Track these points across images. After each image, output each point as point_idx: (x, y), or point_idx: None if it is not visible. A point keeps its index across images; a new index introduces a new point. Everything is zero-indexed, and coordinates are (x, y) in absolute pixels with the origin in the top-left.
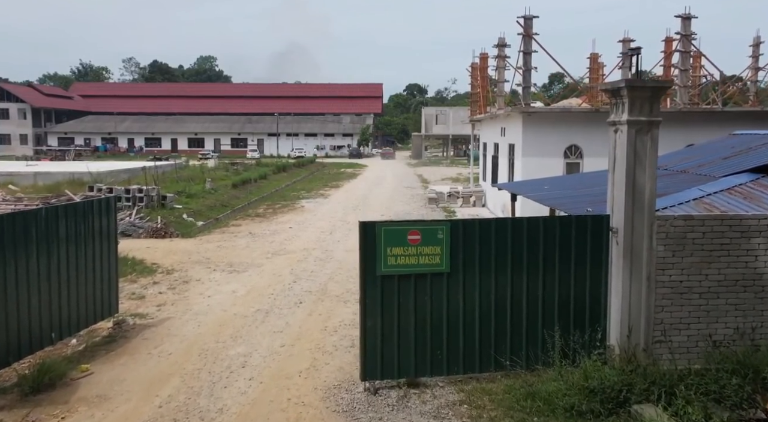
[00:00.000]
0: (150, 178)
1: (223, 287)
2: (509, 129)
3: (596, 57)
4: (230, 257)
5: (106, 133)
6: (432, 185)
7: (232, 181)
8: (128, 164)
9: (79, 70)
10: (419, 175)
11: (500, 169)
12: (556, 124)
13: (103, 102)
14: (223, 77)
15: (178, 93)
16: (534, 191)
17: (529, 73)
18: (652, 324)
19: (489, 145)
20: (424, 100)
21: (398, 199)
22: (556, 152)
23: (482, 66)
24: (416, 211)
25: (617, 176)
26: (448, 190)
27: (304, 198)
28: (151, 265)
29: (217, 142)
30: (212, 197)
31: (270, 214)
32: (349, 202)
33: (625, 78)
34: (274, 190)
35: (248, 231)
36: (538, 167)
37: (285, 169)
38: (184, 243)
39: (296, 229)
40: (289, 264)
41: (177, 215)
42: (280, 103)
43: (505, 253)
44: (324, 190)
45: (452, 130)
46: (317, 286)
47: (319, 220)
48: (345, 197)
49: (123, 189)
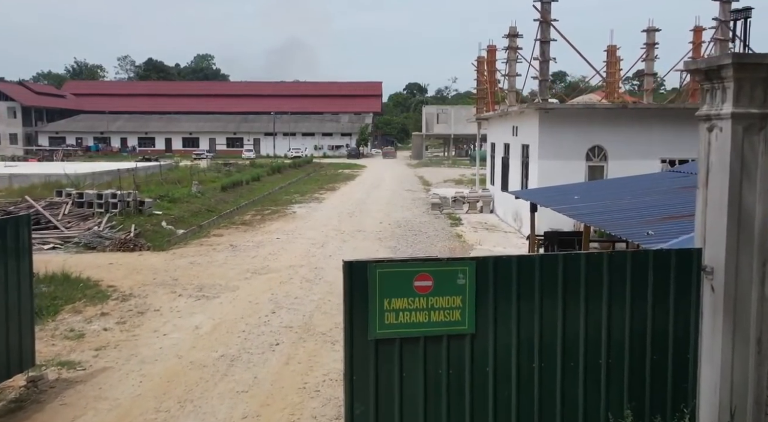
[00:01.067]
0: (130, 181)
1: (184, 321)
2: (523, 128)
3: (614, 49)
4: (202, 277)
5: (98, 133)
6: (434, 188)
7: (221, 183)
8: (115, 165)
9: (74, 69)
10: (420, 176)
11: (512, 172)
12: (576, 123)
13: (96, 100)
14: (220, 76)
15: (173, 91)
16: (561, 202)
17: (547, 64)
18: (764, 408)
19: (498, 145)
20: (424, 99)
21: (398, 203)
22: (576, 154)
23: (490, 59)
24: (418, 218)
25: (713, 193)
26: (452, 194)
27: (296, 202)
28: (106, 289)
29: (213, 141)
30: (198, 201)
31: (257, 222)
32: (345, 207)
33: (729, 52)
34: (266, 192)
35: (229, 243)
36: (556, 171)
37: (280, 170)
38: (154, 259)
39: (284, 241)
40: (270, 287)
41: (155, 223)
42: (278, 101)
43: (554, 304)
44: (319, 194)
45: (454, 129)
46: (300, 319)
47: (310, 229)
48: (341, 201)
49: (95, 193)
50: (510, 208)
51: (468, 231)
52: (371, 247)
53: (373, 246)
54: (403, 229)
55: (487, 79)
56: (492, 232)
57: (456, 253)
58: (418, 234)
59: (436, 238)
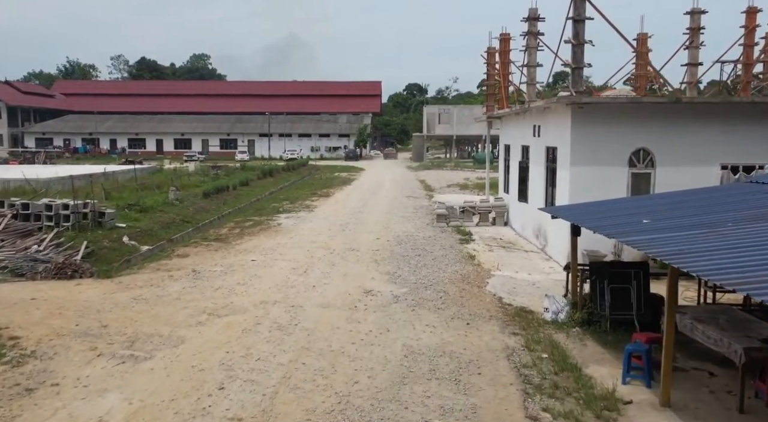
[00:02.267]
0: (110, 185)
1: (87, 407)
2: (548, 127)
3: (645, 38)
4: (141, 322)
5: (87, 134)
6: (438, 194)
7: (204, 189)
8: (89, 169)
9: (66, 68)
10: (421, 180)
11: (532, 179)
12: (617, 120)
13: (87, 100)
14: (216, 76)
15: (165, 91)
16: (622, 226)
17: (582, 49)
18: None
19: (514, 147)
20: (424, 99)
21: (398, 213)
22: (617, 159)
23: (504, 49)
24: (421, 232)
25: None
26: (461, 203)
27: (284, 211)
28: (5, 342)
29: (205, 142)
30: (173, 211)
31: (234, 237)
32: (338, 217)
33: None
34: (253, 199)
35: (192, 268)
36: (592, 179)
37: (272, 174)
38: (92, 291)
39: (260, 264)
40: (227, 339)
41: (115, 238)
42: (273, 101)
43: None
44: (311, 200)
45: (456, 129)
46: (257, 403)
47: (294, 248)
48: (334, 210)
49: (44, 204)
50: (530, 222)
51: (481, 249)
52: (365, 274)
53: (367, 271)
54: (404, 247)
55: (499, 72)
56: (510, 251)
57: (471, 282)
58: (422, 255)
59: (444, 260)
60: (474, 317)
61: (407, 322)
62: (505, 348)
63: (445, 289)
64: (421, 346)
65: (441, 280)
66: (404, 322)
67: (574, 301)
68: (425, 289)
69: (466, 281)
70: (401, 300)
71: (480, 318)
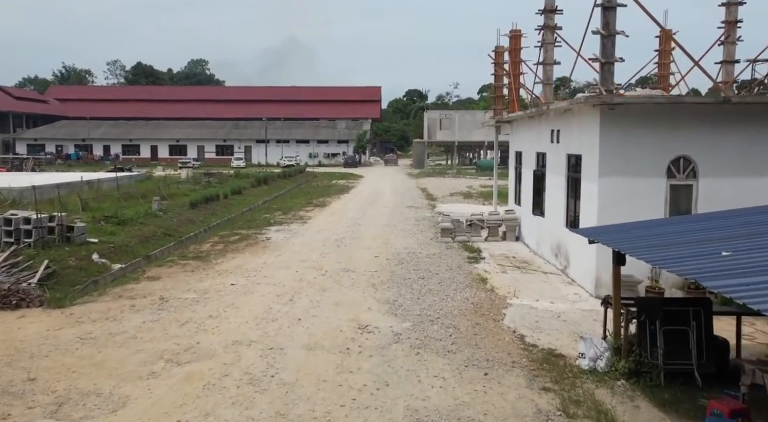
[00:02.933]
0: (89, 195)
1: None
2: (570, 132)
3: (669, 35)
4: (80, 373)
5: (79, 140)
6: (440, 203)
7: (191, 198)
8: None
9: (62, 74)
10: (423, 188)
11: (550, 191)
12: (653, 124)
13: (81, 106)
14: (214, 81)
15: (161, 96)
16: (693, 259)
17: (613, 40)
18: None
19: (527, 155)
20: (424, 105)
21: (399, 225)
22: (652, 168)
23: (514, 47)
24: (425, 249)
25: None
26: (467, 214)
27: (276, 223)
28: None
29: (201, 149)
30: (156, 223)
31: (215, 255)
32: (334, 230)
33: None
34: (245, 208)
35: (160, 295)
36: (623, 192)
37: (267, 181)
38: (34, 326)
39: (239, 290)
40: (182, 400)
41: (83, 256)
42: (271, 106)
43: None
44: (305, 211)
45: (458, 135)
46: None
47: (281, 268)
48: (329, 222)
49: (2, 218)
50: (547, 238)
51: (494, 270)
52: (361, 302)
53: (363, 299)
54: (405, 268)
55: (510, 71)
56: (526, 273)
57: (485, 313)
58: (426, 277)
59: (451, 284)
60: (493, 364)
61: (411, 372)
62: (537, 411)
63: (454, 323)
64: (430, 410)
65: (449, 311)
66: (407, 372)
67: (617, 346)
68: (431, 324)
69: (478, 312)
70: (403, 339)
71: (500, 366)
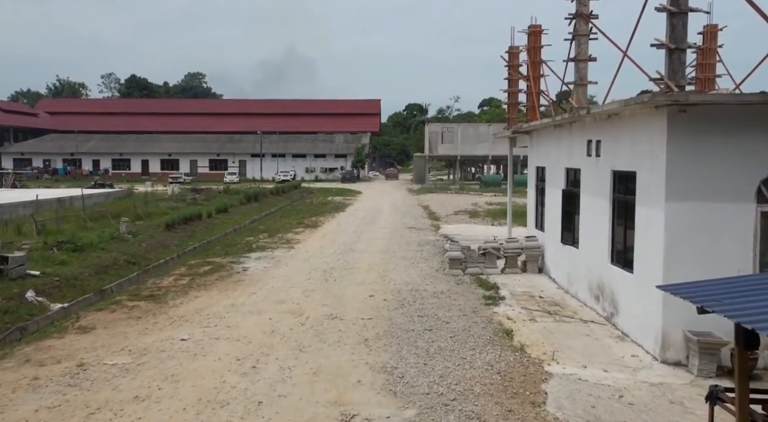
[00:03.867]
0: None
1: None
2: (617, 142)
3: (713, 31)
4: None
5: (68, 154)
6: (445, 224)
7: (169, 218)
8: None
9: (56, 87)
10: (425, 205)
11: (586, 215)
12: (738, 133)
13: (72, 119)
14: (211, 95)
15: (153, 110)
16: None
17: (685, 19)
18: None
19: (553, 171)
20: (424, 119)
21: (399, 252)
22: (737, 190)
23: (533, 45)
24: (430, 285)
25: None
26: (478, 238)
27: (258, 249)
28: None
29: (194, 163)
30: (120, 248)
31: (174, 293)
32: (323, 258)
33: None
34: (229, 229)
35: (81, 358)
36: (699, 222)
37: (257, 198)
38: None
39: (190, 348)
40: None
41: (16, 293)
42: (267, 120)
43: None
44: (294, 232)
45: (461, 149)
46: None
47: (251, 313)
48: (320, 247)
49: None
50: (583, 274)
51: (519, 317)
52: (349, 371)
53: (352, 365)
54: (407, 313)
55: (529, 74)
56: (561, 321)
57: (517, 392)
58: (434, 328)
59: (468, 339)
60: None
61: None
62: None
63: (478, 411)
64: None
65: (469, 387)
66: None
67: None
68: (446, 411)
69: (509, 389)
70: None
71: None
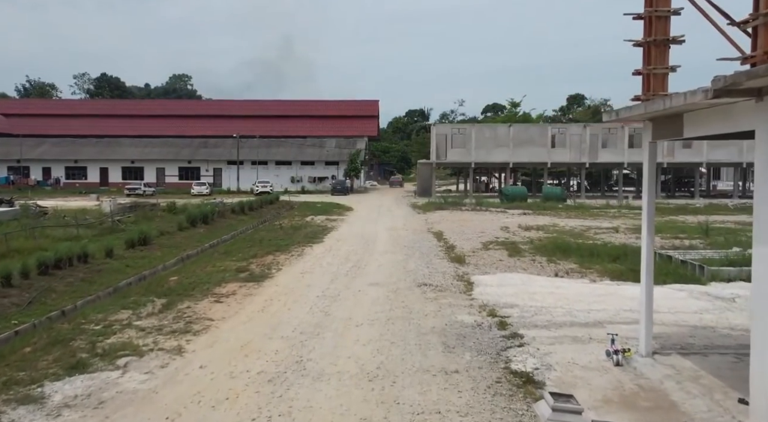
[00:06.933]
0: None
1: None
2: None
3: None
4: None
5: (13, 161)
6: (477, 271)
7: (33, 259)
8: None
9: (25, 88)
10: (436, 232)
11: None
12: None
13: (29, 122)
14: (196, 97)
15: (120, 111)
16: None
17: None
18: None
19: None
20: (426, 126)
21: (405, 378)
22: None
23: None
24: None
25: None
26: (589, 340)
27: (132, 349)
28: None
29: (161, 172)
30: None
31: None
32: (231, 402)
33: None
34: (107, 289)
35: None
36: None
37: (206, 220)
38: None
39: None
40: None
41: None
42: (249, 123)
43: None
44: (214, 300)
45: (475, 155)
46: None
47: None
48: (237, 355)
49: None
50: None
51: None
52: None
53: None
54: None
55: None
56: None
57: None
58: None
59: None
60: None
61: None
62: None
63: None
64: None
65: None
66: None
67: None
68: None
69: None
70: None
71: None
